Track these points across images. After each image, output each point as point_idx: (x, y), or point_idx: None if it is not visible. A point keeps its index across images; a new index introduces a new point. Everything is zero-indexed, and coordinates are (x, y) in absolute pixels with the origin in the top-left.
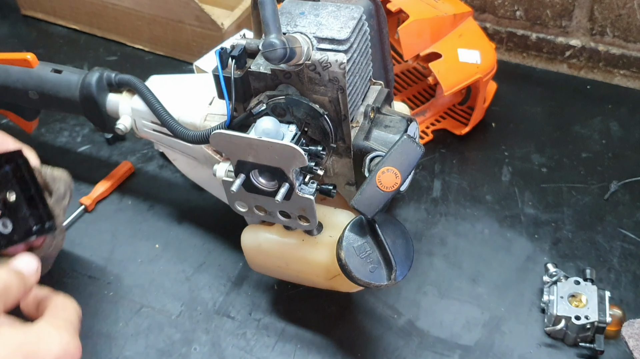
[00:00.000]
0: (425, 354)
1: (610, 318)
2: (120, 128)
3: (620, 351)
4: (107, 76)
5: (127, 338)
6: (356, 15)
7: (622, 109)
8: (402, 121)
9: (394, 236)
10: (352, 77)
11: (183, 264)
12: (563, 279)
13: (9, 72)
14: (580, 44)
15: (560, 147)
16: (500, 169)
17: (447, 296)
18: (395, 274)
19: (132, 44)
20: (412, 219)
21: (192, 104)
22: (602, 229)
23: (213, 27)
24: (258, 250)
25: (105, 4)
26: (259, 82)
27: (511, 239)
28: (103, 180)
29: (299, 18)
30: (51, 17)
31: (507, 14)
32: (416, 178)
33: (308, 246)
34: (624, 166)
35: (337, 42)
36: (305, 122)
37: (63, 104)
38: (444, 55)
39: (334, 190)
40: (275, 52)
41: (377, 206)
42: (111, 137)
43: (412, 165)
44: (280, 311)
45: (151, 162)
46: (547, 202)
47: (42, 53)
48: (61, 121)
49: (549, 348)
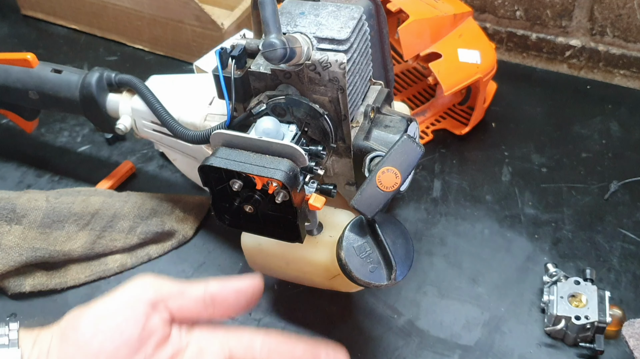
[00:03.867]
0: (425, 354)
1: (610, 318)
2: (120, 128)
3: (620, 351)
4: (107, 76)
5: None
6: (356, 15)
7: (622, 109)
8: (402, 121)
9: (394, 236)
10: (352, 77)
11: (183, 264)
12: (563, 279)
13: (9, 72)
14: (580, 44)
15: (560, 147)
16: (500, 169)
17: (447, 296)
18: (395, 274)
19: (132, 44)
20: (412, 219)
21: (192, 104)
22: (602, 229)
23: (213, 27)
24: (258, 250)
25: (105, 4)
26: (259, 82)
27: (511, 239)
28: (104, 180)
29: (299, 18)
30: (51, 17)
31: (507, 14)
32: (416, 178)
33: (308, 246)
34: (624, 166)
35: (337, 42)
36: (305, 122)
37: (63, 104)
38: (444, 55)
39: (334, 190)
40: (275, 52)
41: (377, 206)
42: (111, 137)
43: (412, 165)
44: (280, 311)
45: (151, 162)
46: (547, 202)
47: (42, 53)
48: (61, 121)
49: (549, 348)
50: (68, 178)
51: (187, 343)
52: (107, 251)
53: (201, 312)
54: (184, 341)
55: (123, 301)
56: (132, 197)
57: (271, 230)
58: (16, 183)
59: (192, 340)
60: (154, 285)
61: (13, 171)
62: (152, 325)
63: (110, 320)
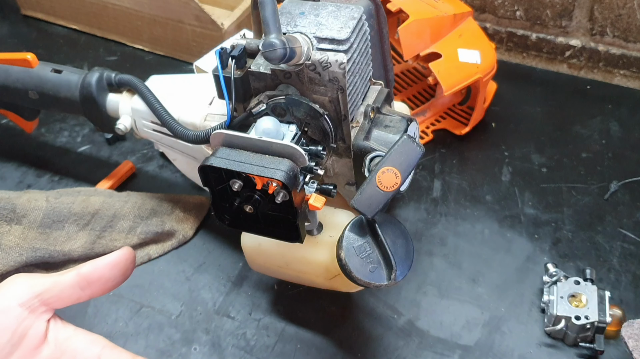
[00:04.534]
0: (425, 354)
1: (610, 318)
2: (120, 128)
3: (620, 351)
4: (107, 76)
5: (127, 338)
6: (356, 15)
7: (622, 109)
8: (402, 121)
9: (394, 236)
10: (352, 77)
11: (183, 264)
12: (563, 279)
13: (9, 72)
14: (580, 44)
15: (560, 147)
16: (500, 169)
17: (447, 296)
18: (395, 274)
19: (132, 44)
20: (412, 219)
21: (192, 104)
22: (602, 229)
23: (213, 27)
24: (258, 250)
25: (105, 4)
26: (259, 82)
27: (511, 239)
28: (104, 180)
29: (299, 18)
30: (51, 17)
31: (507, 14)
32: (416, 178)
33: (308, 246)
34: (624, 166)
35: (337, 42)
36: (305, 122)
37: (63, 104)
38: (444, 55)
39: (334, 190)
40: (275, 52)
41: (377, 206)
42: (111, 137)
43: (412, 165)
44: (280, 311)
45: (151, 162)
46: (547, 202)
47: (42, 53)
48: (61, 121)
49: (549, 348)
50: (68, 178)
51: (62, 352)
52: (107, 251)
53: (80, 295)
54: (60, 349)
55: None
56: (132, 197)
57: (271, 230)
58: (16, 183)
59: (68, 349)
60: (26, 283)
61: (13, 171)
62: (24, 328)
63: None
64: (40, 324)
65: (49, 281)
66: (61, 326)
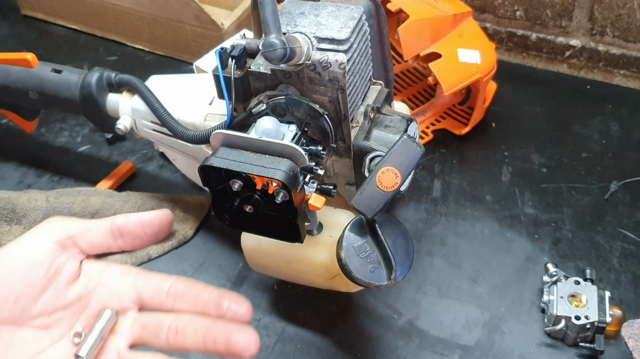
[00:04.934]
0: (425, 354)
1: (610, 318)
2: (120, 128)
3: (620, 351)
4: (107, 76)
5: None
6: (356, 15)
7: (622, 109)
8: (402, 121)
9: (394, 236)
10: (352, 77)
11: (183, 264)
12: (563, 279)
13: (9, 72)
14: (580, 44)
15: (560, 147)
16: (500, 169)
17: (447, 296)
18: (395, 274)
19: (132, 44)
20: (412, 219)
21: (192, 104)
22: (602, 229)
23: (213, 27)
24: (258, 250)
25: (105, 4)
26: (259, 82)
27: (511, 239)
28: (104, 180)
29: (299, 18)
30: (51, 17)
31: (507, 14)
32: (416, 178)
33: (308, 246)
34: (624, 166)
35: (337, 42)
36: (305, 122)
37: (63, 104)
38: (444, 55)
39: (334, 190)
40: (275, 52)
41: (377, 206)
42: (111, 137)
43: (412, 165)
44: (280, 311)
45: (151, 162)
46: (547, 202)
47: (42, 53)
48: (61, 121)
49: (549, 348)
50: (68, 178)
51: (96, 283)
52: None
53: (111, 244)
54: (94, 281)
55: (30, 244)
56: (132, 197)
57: (271, 230)
58: (16, 183)
59: (102, 280)
60: (61, 225)
61: (13, 171)
62: (60, 264)
63: (18, 262)
64: (74, 262)
65: (84, 225)
66: (94, 263)
